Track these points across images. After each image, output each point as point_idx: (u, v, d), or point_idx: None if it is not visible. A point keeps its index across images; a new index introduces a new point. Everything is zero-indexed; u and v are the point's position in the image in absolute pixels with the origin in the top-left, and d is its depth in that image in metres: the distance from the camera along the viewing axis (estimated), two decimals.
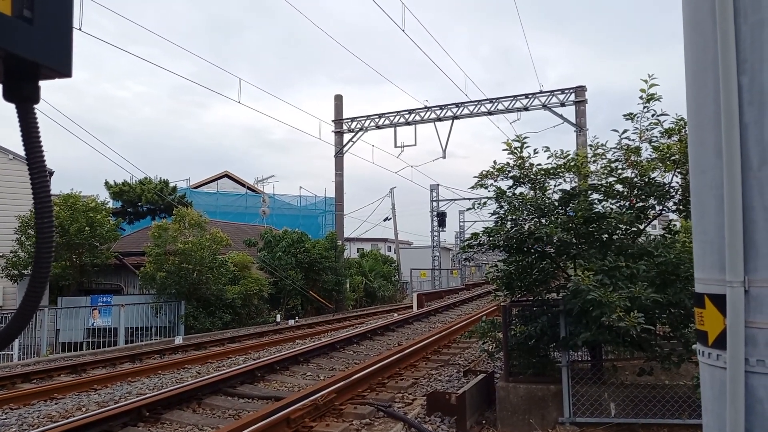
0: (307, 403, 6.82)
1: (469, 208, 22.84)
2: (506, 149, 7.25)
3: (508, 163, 7.34)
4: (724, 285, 1.50)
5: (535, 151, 7.29)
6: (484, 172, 7.44)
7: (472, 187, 7.67)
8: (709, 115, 1.59)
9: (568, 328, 6.13)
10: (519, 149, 7.19)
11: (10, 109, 1.12)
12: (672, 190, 6.75)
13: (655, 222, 7.41)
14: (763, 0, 1.45)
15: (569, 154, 7.28)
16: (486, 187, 7.50)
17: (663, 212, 7.03)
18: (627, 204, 6.93)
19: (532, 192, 7.28)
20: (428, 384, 8.76)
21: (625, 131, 6.86)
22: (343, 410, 7.14)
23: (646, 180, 6.78)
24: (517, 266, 7.42)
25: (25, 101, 1.08)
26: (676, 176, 6.74)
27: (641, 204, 6.85)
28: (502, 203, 7.18)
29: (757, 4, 1.46)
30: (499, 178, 7.43)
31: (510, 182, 7.44)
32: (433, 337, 12.74)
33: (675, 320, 5.98)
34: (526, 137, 7.19)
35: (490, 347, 7.88)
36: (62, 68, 1.11)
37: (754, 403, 1.43)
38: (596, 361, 6.68)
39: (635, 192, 6.82)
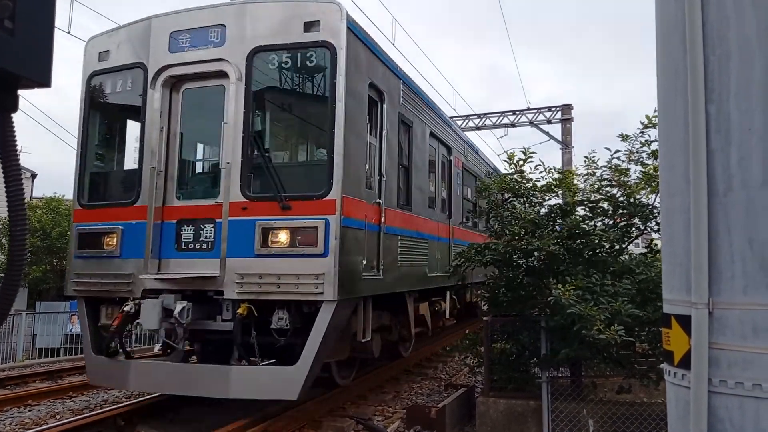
0: (286, 415, 6.77)
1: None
2: (507, 161, 7.34)
3: (508, 175, 7.43)
4: (690, 306, 1.54)
5: (536, 168, 7.35)
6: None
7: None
8: (679, 141, 1.64)
9: (549, 344, 6.16)
10: (522, 161, 7.25)
11: None
12: (656, 211, 6.84)
13: (638, 240, 7.50)
14: (729, 33, 1.51)
15: (559, 170, 7.40)
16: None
17: (645, 231, 7.12)
18: (611, 222, 7.02)
19: (527, 206, 7.36)
20: (409, 397, 8.73)
21: (617, 151, 6.98)
22: (322, 422, 7.09)
23: (631, 200, 6.89)
24: (500, 281, 7.45)
25: (3, 111, 1.08)
26: None
27: (625, 222, 6.94)
28: (504, 214, 7.24)
29: (723, 37, 1.52)
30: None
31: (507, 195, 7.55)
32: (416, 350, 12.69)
33: (654, 338, 6.04)
34: (533, 152, 7.24)
35: (472, 361, 7.89)
36: (42, 78, 1.11)
37: (716, 422, 1.46)
38: (576, 378, 6.70)
39: (620, 211, 6.92)
